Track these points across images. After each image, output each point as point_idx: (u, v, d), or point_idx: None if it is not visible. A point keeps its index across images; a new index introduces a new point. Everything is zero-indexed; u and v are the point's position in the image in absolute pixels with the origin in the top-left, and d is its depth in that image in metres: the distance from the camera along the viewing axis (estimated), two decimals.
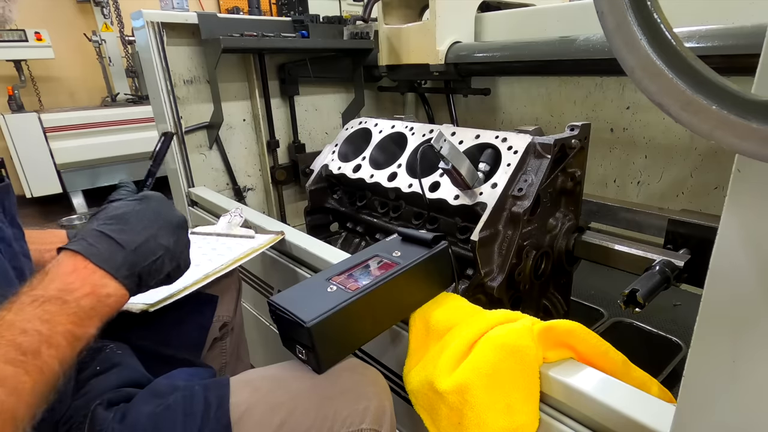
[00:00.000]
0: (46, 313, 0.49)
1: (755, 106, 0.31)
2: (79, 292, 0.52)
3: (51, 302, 0.50)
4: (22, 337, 0.45)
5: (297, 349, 0.72)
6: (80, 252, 0.54)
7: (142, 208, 0.62)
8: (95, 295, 0.53)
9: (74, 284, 0.52)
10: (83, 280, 0.53)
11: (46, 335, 0.47)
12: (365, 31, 1.83)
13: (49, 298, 0.50)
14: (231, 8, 4.76)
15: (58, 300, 0.50)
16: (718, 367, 0.44)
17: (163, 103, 1.58)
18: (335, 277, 0.78)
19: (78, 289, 0.52)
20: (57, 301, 0.50)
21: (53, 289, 0.51)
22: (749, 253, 0.40)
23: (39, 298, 0.49)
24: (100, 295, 0.54)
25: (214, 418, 0.62)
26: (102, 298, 0.54)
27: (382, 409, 0.71)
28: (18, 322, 0.47)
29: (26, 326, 0.47)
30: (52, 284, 0.51)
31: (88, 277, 0.54)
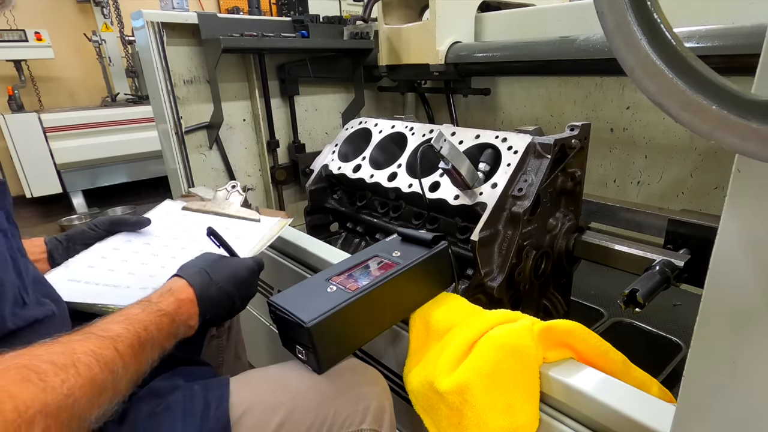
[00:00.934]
0: (161, 322, 0.61)
1: (755, 106, 0.31)
2: (183, 316, 0.65)
3: (167, 316, 0.62)
4: (143, 333, 0.57)
5: (297, 349, 0.72)
6: (194, 287, 0.68)
7: (241, 271, 0.76)
8: (187, 323, 0.66)
9: (182, 309, 0.65)
10: (187, 309, 0.66)
11: (154, 339, 0.59)
12: (365, 31, 1.83)
13: (167, 313, 0.63)
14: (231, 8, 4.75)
15: (169, 317, 0.63)
16: (718, 367, 0.44)
17: (163, 103, 1.58)
18: (335, 277, 0.78)
19: (183, 314, 0.65)
20: (169, 317, 0.62)
21: (171, 308, 0.64)
22: (749, 253, 0.40)
23: (162, 310, 0.62)
24: (187, 326, 0.66)
25: (214, 417, 0.62)
26: (188, 329, 0.67)
27: (381, 410, 0.71)
28: (145, 321, 0.59)
29: (148, 326, 0.59)
30: (172, 304, 0.64)
31: (190, 308, 0.67)
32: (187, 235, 0.98)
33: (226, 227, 1.00)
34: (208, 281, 0.70)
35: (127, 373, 0.53)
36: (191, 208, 1.08)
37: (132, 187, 4.23)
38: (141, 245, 0.94)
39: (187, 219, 1.05)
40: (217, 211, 1.06)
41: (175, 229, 1.00)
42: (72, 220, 3.56)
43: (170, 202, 1.12)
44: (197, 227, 0.99)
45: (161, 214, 1.06)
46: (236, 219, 1.03)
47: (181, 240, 0.97)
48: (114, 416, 0.62)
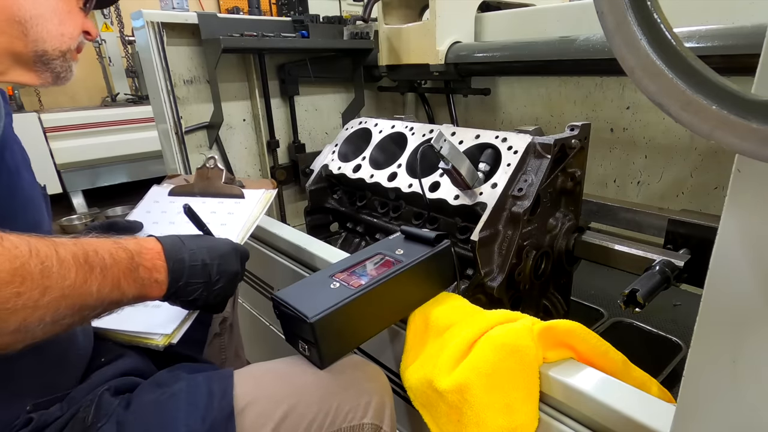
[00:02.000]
0: (117, 254, 0.58)
1: (755, 106, 0.31)
2: (144, 263, 0.62)
3: (124, 251, 0.60)
4: (92, 253, 0.55)
5: (300, 344, 0.72)
6: (162, 242, 0.66)
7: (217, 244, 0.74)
8: (150, 274, 0.63)
9: (146, 256, 0.62)
10: (151, 258, 0.63)
11: (106, 264, 0.56)
12: (365, 31, 1.83)
13: (125, 248, 0.60)
14: (231, 8, 4.75)
15: (128, 253, 0.60)
16: (718, 367, 0.44)
17: (163, 103, 1.58)
18: (338, 273, 0.78)
19: (145, 260, 0.62)
20: (127, 254, 0.60)
21: (132, 246, 0.61)
22: (749, 253, 0.40)
23: (120, 243, 0.60)
24: (152, 278, 0.63)
25: (218, 407, 0.62)
26: (151, 281, 0.63)
27: (382, 405, 0.72)
28: (97, 244, 0.57)
29: (99, 250, 0.56)
30: (135, 245, 0.62)
31: (155, 259, 0.64)
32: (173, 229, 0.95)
33: (212, 211, 0.97)
34: (179, 244, 0.68)
35: (65, 280, 0.49)
36: (177, 191, 1.06)
37: (132, 187, 4.22)
38: None
39: (174, 206, 1.02)
40: (201, 192, 1.03)
41: (162, 223, 0.99)
42: (72, 220, 3.56)
43: (157, 187, 1.10)
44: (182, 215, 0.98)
45: (149, 205, 1.05)
46: (221, 198, 1.00)
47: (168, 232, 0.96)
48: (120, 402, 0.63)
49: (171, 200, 1.06)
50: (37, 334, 0.48)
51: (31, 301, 0.46)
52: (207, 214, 0.94)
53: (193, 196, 1.04)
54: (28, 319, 0.46)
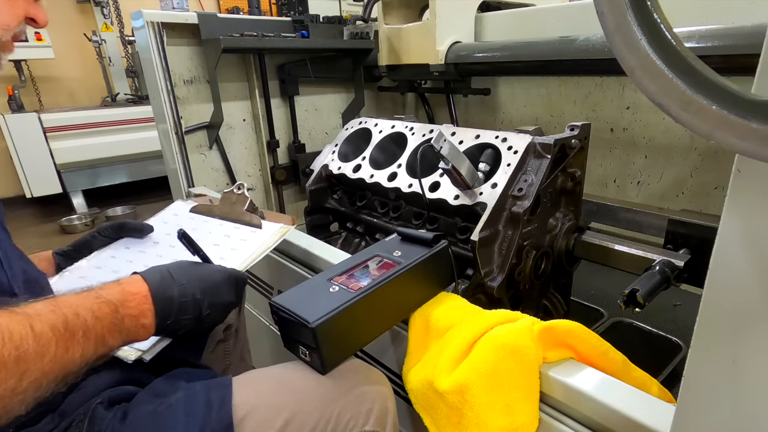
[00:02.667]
0: (100, 310, 0.56)
1: (755, 106, 0.31)
2: (130, 310, 0.60)
3: (107, 305, 0.57)
4: (72, 317, 0.52)
5: (300, 350, 0.71)
6: (149, 283, 0.64)
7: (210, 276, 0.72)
8: (137, 320, 0.61)
9: (131, 303, 0.61)
10: (138, 303, 0.61)
11: (88, 325, 0.54)
12: (365, 31, 1.83)
13: (107, 301, 0.58)
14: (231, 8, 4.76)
15: (112, 307, 0.58)
16: (718, 367, 0.44)
17: (163, 103, 1.58)
18: (337, 277, 0.78)
19: (131, 308, 0.60)
20: (111, 307, 0.57)
21: (115, 297, 0.59)
22: (749, 253, 0.40)
23: (101, 297, 0.57)
24: (139, 323, 0.61)
25: (216, 418, 0.61)
26: (139, 326, 0.61)
27: (385, 411, 0.71)
28: (77, 304, 0.54)
29: (80, 311, 0.54)
30: (118, 294, 0.60)
31: (142, 304, 0.62)
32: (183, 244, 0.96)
33: (225, 235, 0.97)
34: (168, 280, 0.65)
35: (44, 356, 0.47)
36: (198, 210, 1.07)
37: (132, 187, 4.23)
38: (136, 253, 0.92)
39: (191, 223, 1.03)
40: (221, 215, 1.04)
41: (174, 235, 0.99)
42: (72, 220, 3.56)
43: (181, 202, 1.11)
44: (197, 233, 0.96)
45: (168, 217, 1.06)
46: (238, 224, 1.01)
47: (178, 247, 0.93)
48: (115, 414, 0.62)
49: (191, 216, 1.06)
50: (20, 412, 0.47)
51: (8, 390, 0.44)
52: (221, 237, 0.95)
53: (213, 218, 1.04)
54: (8, 406, 0.45)
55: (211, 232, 0.99)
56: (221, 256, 0.90)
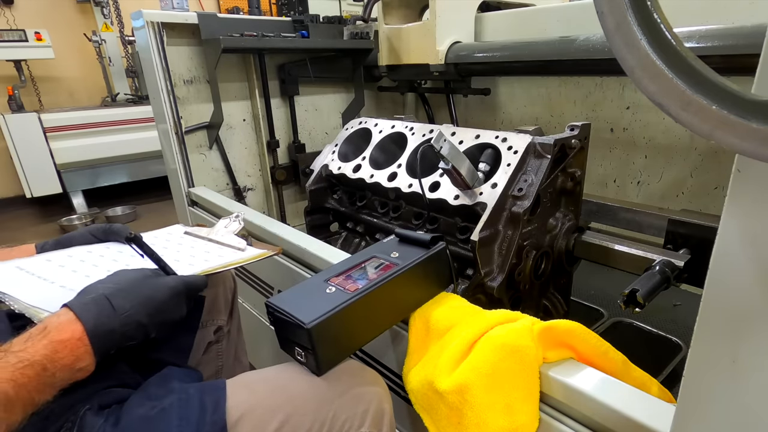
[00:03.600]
0: (23, 376, 0.49)
1: (755, 106, 0.31)
2: (60, 362, 0.53)
3: (33, 367, 0.51)
4: None
5: (296, 351, 0.71)
6: (83, 322, 0.56)
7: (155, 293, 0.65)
8: (72, 368, 0.54)
9: (60, 353, 0.53)
10: (70, 351, 0.54)
11: (10, 397, 0.48)
12: (365, 31, 1.83)
13: (32, 363, 0.51)
14: (231, 8, 4.75)
15: (40, 366, 0.51)
16: (718, 367, 0.44)
17: (163, 103, 1.58)
18: (333, 278, 0.78)
19: (61, 359, 0.53)
20: (39, 367, 0.51)
21: (41, 354, 0.52)
22: (749, 253, 0.40)
23: (23, 360, 0.50)
24: (74, 368, 0.55)
25: (210, 421, 0.61)
26: (75, 371, 0.55)
27: (381, 412, 0.70)
28: None
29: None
30: (43, 349, 0.52)
31: (76, 349, 0.55)
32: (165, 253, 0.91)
33: (206, 251, 0.96)
34: (108, 312, 0.59)
35: None
36: (191, 233, 1.07)
37: (132, 187, 4.23)
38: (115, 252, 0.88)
39: (180, 241, 1.03)
40: (208, 237, 1.04)
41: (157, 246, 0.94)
42: (72, 220, 3.56)
43: (179, 226, 1.12)
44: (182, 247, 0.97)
45: (162, 234, 1.06)
46: (222, 246, 1.00)
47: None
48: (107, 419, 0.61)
49: (181, 237, 1.07)
50: None
51: None
52: (202, 252, 0.94)
53: (201, 239, 1.04)
54: None
55: (193, 247, 0.98)
56: (190, 263, 0.88)
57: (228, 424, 0.62)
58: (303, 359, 0.71)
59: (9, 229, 3.70)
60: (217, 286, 1.02)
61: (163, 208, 3.80)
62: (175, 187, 1.75)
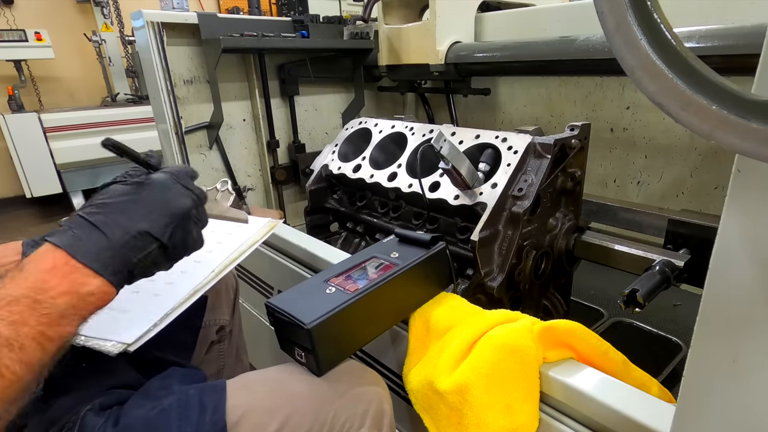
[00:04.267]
0: (12, 313, 0.45)
1: (755, 106, 0.31)
2: (54, 290, 0.48)
3: (19, 302, 0.46)
4: None
5: (296, 351, 0.71)
6: (62, 246, 0.50)
7: (139, 194, 0.58)
8: (74, 293, 0.49)
9: (50, 282, 0.48)
10: (61, 277, 0.49)
11: (9, 337, 0.44)
12: (365, 31, 1.83)
13: (17, 297, 0.46)
14: (231, 8, 4.75)
15: (27, 299, 0.47)
16: (718, 367, 0.44)
17: (163, 103, 1.58)
18: (333, 278, 0.78)
19: (54, 287, 0.48)
20: (27, 301, 0.47)
21: (24, 287, 0.47)
22: (749, 253, 0.40)
23: (5, 298, 0.46)
24: (80, 293, 0.50)
25: (210, 422, 0.61)
26: (83, 296, 0.50)
27: (381, 412, 0.70)
28: None
29: None
30: (24, 282, 0.48)
31: (68, 274, 0.50)
32: None
33: (211, 230, 0.88)
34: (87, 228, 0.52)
35: None
36: None
37: None
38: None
39: None
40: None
41: None
42: None
43: None
44: None
45: None
46: (222, 220, 0.95)
47: None
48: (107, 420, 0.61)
49: None
50: None
51: None
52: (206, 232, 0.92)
53: None
54: None
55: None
56: (207, 249, 0.82)
57: (228, 424, 0.61)
58: (303, 360, 0.71)
59: (9, 230, 3.69)
60: (219, 285, 1.01)
61: None
62: None
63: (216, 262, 0.81)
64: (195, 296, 0.74)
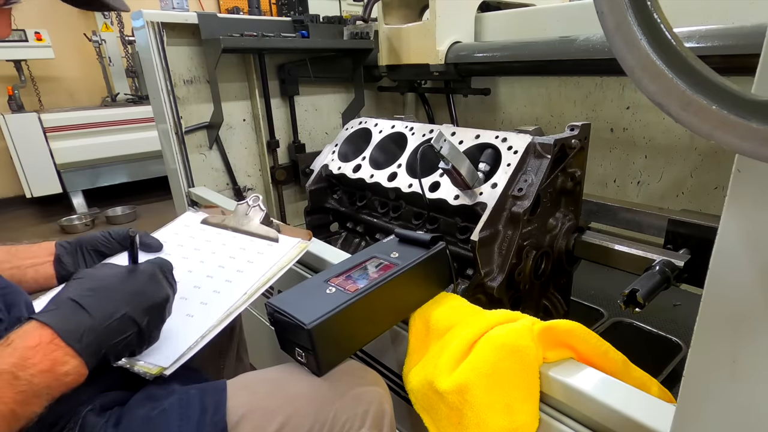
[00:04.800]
0: None
1: (755, 106, 0.31)
2: (35, 368, 0.50)
3: (1, 377, 0.48)
4: None
5: (296, 351, 0.71)
6: (50, 325, 0.53)
7: (126, 282, 0.62)
8: (52, 372, 0.51)
9: (33, 359, 0.50)
10: (44, 355, 0.51)
11: None
12: (365, 31, 1.83)
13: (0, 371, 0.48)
14: (231, 8, 4.75)
15: (9, 375, 0.48)
16: (718, 367, 0.44)
17: (163, 103, 1.58)
18: (333, 278, 0.78)
19: (36, 365, 0.50)
20: (7, 376, 0.48)
21: (8, 363, 0.49)
22: (749, 253, 0.40)
23: None
24: (57, 373, 0.52)
25: (211, 423, 0.61)
26: (59, 376, 0.52)
27: (381, 412, 0.70)
28: None
29: None
30: (9, 357, 0.49)
31: (50, 353, 0.51)
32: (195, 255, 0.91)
33: (241, 247, 0.92)
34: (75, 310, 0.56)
35: None
36: (210, 221, 1.02)
37: (132, 187, 4.23)
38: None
39: (204, 235, 1.00)
40: (235, 227, 0.99)
41: (188, 248, 0.94)
42: (72, 220, 3.56)
43: (191, 213, 1.08)
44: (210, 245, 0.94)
45: (179, 228, 1.02)
46: (253, 237, 0.95)
47: (191, 259, 0.90)
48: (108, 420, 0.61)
49: (202, 228, 1.02)
50: None
51: None
52: (236, 250, 0.89)
53: (226, 230, 0.99)
54: None
55: (224, 244, 0.93)
56: (238, 269, 0.86)
57: (229, 424, 0.62)
58: (303, 360, 0.71)
59: (9, 229, 3.69)
60: None
61: (163, 208, 3.80)
62: (175, 187, 1.75)
63: (248, 284, 0.82)
64: (229, 318, 0.75)
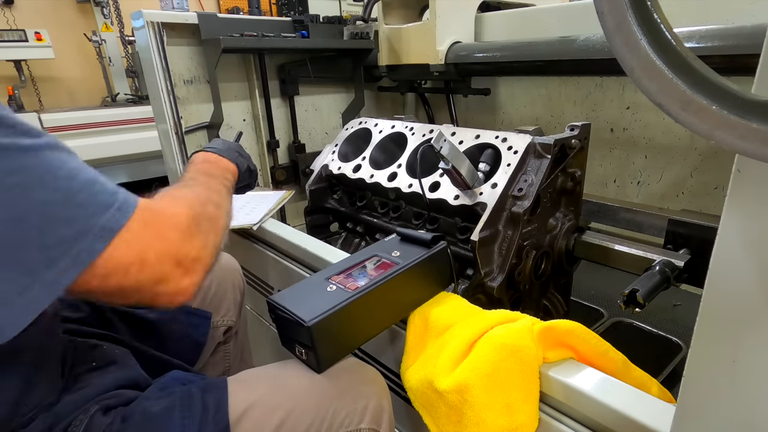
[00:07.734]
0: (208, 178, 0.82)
1: (755, 106, 0.31)
2: (220, 164, 0.89)
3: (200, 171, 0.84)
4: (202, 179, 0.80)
5: (296, 348, 0.72)
6: (210, 150, 0.92)
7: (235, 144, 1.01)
8: (224, 169, 0.89)
9: (210, 165, 0.88)
10: (214, 163, 0.89)
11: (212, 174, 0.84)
12: (365, 31, 1.83)
13: (198, 171, 0.84)
14: (231, 8, 4.75)
15: (209, 169, 0.86)
16: (718, 367, 0.44)
17: (163, 103, 1.58)
18: (334, 276, 0.78)
19: (221, 164, 0.89)
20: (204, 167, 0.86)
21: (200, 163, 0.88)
22: (749, 253, 0.40)
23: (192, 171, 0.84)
24: (227, 168, 0.90)
25: (213, 421, 0.61)
26: (225, 170, 0.88)
27: (380, 409, 0.71)
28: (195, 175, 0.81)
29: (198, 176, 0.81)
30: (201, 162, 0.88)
31: (217, 161, 0.90)
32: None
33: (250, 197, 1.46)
34: (223, 151, 0.93)
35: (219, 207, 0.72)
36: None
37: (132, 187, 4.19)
38: None
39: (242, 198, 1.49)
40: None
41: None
42: None
43: None
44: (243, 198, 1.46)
45: None
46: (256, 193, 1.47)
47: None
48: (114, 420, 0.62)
49: None
50: None
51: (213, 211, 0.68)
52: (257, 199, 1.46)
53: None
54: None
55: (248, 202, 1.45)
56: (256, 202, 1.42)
57: (230, 422, 0.62)
58: (303, 357, 0.71)
59: None
60: (226, 285, 1.02)
61: None
62: None
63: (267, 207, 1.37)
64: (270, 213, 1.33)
